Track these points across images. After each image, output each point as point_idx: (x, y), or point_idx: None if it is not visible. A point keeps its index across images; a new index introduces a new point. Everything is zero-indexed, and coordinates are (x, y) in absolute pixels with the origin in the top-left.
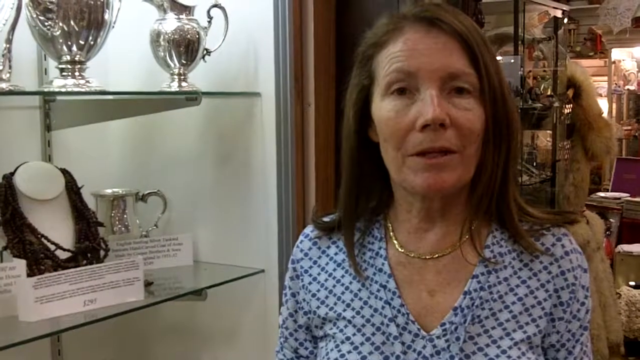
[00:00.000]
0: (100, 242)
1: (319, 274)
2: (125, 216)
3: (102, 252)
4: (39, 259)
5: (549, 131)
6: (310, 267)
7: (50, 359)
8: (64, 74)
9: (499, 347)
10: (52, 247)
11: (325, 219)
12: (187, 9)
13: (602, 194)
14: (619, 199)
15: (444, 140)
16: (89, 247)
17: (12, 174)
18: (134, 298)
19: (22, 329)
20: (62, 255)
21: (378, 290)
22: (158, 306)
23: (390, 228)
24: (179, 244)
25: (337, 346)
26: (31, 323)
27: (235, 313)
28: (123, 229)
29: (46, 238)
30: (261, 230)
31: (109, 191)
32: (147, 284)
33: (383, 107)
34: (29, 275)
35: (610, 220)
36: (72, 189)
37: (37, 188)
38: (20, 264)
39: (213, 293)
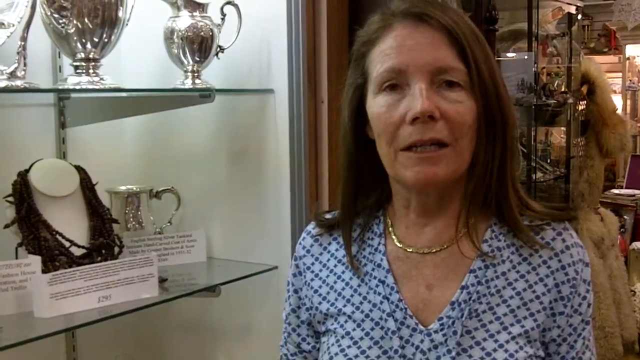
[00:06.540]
0: (114, 239)
1: (320, 270)
2: (139, 213)
3: (116, 249)
4: (54, 255)
5: (563, 128)
6: (313, 264)
7: (65, 354)
8: (78, 71)
9: (496, 341)
10: (67, 244)
11: (327, 216)
12: (201, 6)
13: (616, 191)
14: (633, 196)
15: (434, 132)
16: (104, 244)
17: (27, 170)
18: (148, 294)
19: (37, 325)
20: (77, 251)
21: (377, 286)
22: (172, 302)
23: (390, 223)
24: (193, 241)
25: (337, 341)
26: (46, 319)
27: (248, 309)
28: (137, 225)
29: (61, 235)
30: (274, 227)
31: (123, 188)
32: (161, 281)
33: (376, 104)
34: (43, 272)
35: (625, 217)
36: (87, 185)
37: (52, 185)
38: (35, 261)
39: (226, 289)
